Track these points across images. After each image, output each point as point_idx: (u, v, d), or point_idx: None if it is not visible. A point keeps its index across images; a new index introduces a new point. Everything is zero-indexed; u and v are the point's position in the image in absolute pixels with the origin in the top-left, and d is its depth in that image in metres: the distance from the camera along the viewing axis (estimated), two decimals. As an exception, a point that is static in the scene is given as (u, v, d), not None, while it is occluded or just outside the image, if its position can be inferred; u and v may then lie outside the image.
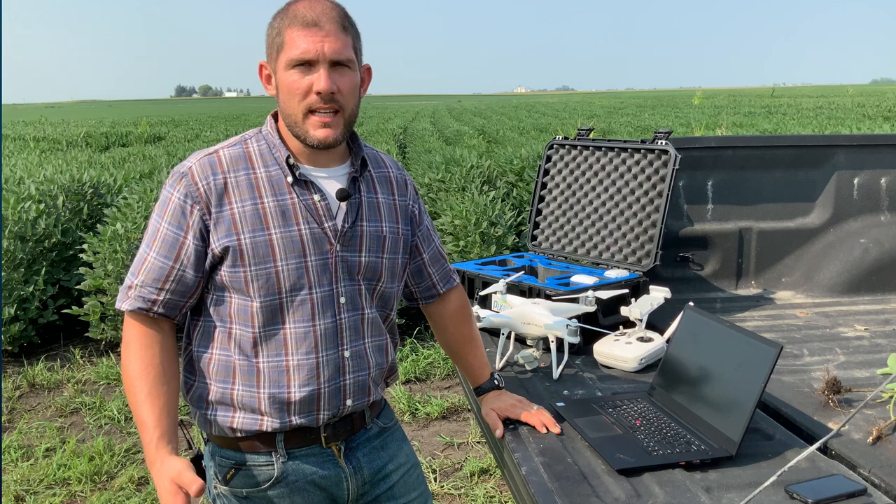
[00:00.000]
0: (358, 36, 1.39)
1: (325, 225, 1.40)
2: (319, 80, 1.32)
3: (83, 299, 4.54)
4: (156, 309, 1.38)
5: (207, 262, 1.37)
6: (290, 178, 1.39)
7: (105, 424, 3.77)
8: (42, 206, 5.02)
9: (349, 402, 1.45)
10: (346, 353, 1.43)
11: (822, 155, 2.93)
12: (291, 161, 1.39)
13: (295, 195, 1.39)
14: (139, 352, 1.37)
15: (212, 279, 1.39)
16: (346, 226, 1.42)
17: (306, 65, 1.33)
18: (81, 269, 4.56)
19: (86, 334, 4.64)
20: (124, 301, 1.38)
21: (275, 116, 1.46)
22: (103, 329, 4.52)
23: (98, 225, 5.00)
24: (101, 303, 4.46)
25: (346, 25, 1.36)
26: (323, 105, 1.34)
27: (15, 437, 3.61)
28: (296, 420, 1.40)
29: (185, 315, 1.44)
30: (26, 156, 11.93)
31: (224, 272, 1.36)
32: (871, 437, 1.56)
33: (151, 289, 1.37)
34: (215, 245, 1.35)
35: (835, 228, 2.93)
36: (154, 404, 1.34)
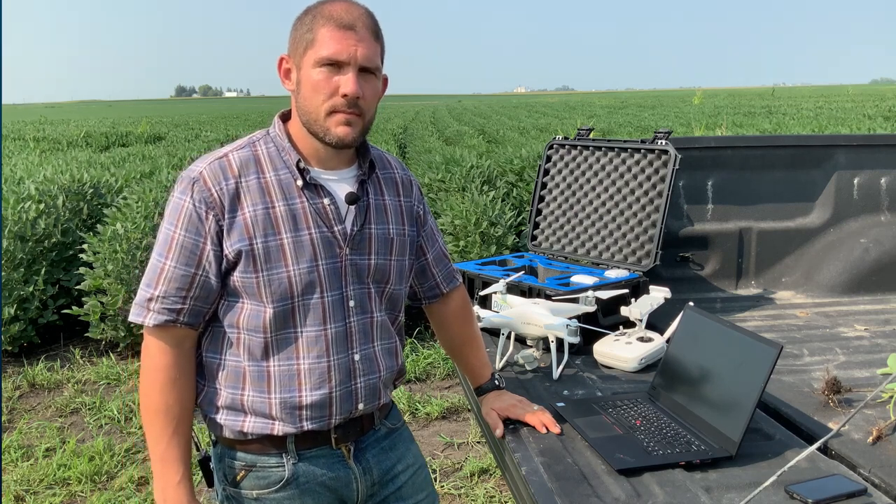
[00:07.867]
0: (384, 47, 1.40)
1: (335, 229, 1.40)
2: (348, 82, 1.32)
3: (83, 299, 4.54)
4: (182, 319, 1.36)
5: (223, 267, 1.36)
6: (299, 182, 1.38)
7: (105, 424, 3.77)
8: (42, 206, 5.01)
9: (361, 406, 1.45)
10: (357, 357, 1.43)
11: (822, 155, 2.93)
12: (302, 165, 1.39)
13: (305, 199, 1.38)
14: (166, 385, 1.37)
15: (224, 285, 1.38)
16: (356, 229, 1.42)
17: (335, 65, 1.33)
18: (81, 269, 4.56)
19: (86, 334, 4.64)
20: (146, 315, 1.35)
21: (282, 117, 1.45)
22: (103, 329, 4.51)
23: (98, 225, 5.00)
24: (101, 303, 4.46)
25: (378, 34, 1.38)
26: (346, 108, 1.34)
27: (15, 437, 3.61)
28: (308, 425, 1.40)
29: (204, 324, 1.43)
30: (26, 156, 11.92)
31: (237, 277, 1.35)
32: (871, 437, 1.56)
33: (176, 298, 1.35)
34: (229, 250, 1.34)
35: (835, 228, 2.93)
36: (180, 442, 1.39)
